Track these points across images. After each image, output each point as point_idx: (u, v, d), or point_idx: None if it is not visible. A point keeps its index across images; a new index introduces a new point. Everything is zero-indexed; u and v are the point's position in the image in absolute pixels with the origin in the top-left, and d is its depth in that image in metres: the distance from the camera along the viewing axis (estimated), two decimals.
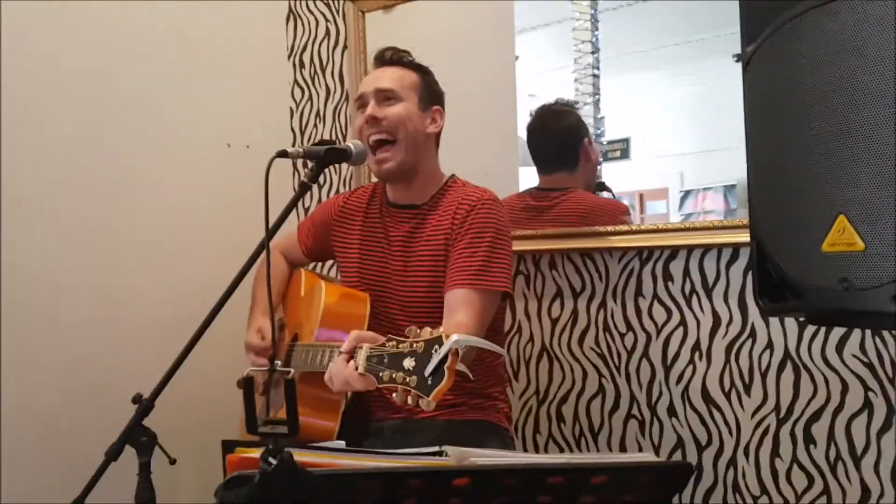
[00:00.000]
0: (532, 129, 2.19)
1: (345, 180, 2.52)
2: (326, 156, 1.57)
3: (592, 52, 2.14)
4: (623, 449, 1.98)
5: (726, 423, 1.84)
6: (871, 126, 1.15)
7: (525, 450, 2.12)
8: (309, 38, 2.62)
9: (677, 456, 1.91)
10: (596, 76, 2.15)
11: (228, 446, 0.89)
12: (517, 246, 2.09)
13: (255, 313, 1.82)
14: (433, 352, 1.08)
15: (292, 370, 0.94)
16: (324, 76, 2.59)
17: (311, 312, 1.70)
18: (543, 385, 2.11)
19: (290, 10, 2.66)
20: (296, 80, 2.65)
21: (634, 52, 2.16)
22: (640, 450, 1.96)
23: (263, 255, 1.90)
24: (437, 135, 1.77)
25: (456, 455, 0.96)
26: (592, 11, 2.13)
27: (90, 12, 2.10)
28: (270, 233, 1.48)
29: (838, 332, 1.70)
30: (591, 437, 2.03)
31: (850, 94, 1.18)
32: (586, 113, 2.14)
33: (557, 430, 2.09)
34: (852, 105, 1.18)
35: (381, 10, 2.42)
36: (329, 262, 2.33)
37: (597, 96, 2.15)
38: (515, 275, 2.15)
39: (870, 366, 1.67)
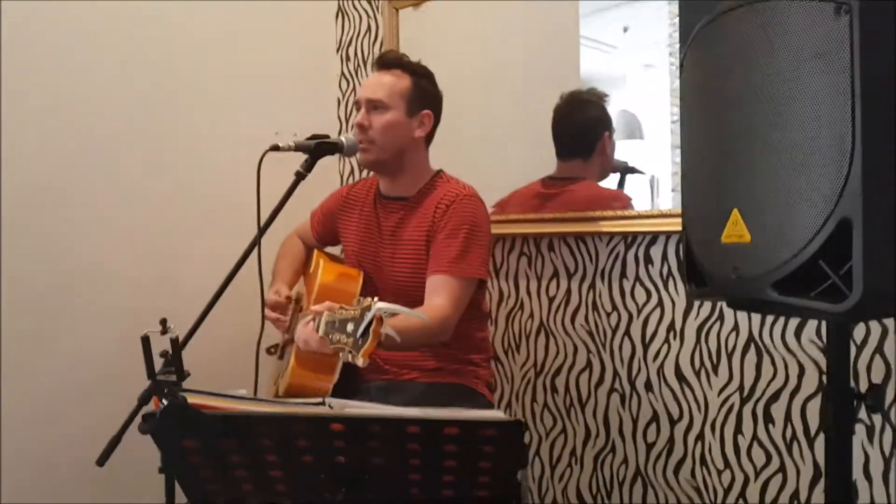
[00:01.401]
0: (558, 115, 2.29)
1: None
2: (317, 149, 1.78)
3: None
4: (606, 420, 2.12)
5: (696, 399, 1.95)
6: (760, 126, 1.26)
7: (524, 418, 2.30)
8: (354, 33, 2.85)
9: (652, 429, 2.03)
10: None
11: (158, 391, 1.13)
12: (522, 229, 2.28)
13: (275, 281, 2.06)
14: (363, 317, 1.29)
15: (178, 334, 1.16)
16: (365, 69, 2.81)
17: (312, 288, 1.94)
18: (541, 358, 2.27)
19: (339, 8, 2.90)
20: (342, 73, 2.89)
21: None
22: (621, 423, 2.09)
23: (286, 236, 2.19)
24: (428, 136, 1.94)
25: (337, 406, 1.17)
26: None
27: (159, 11, 2.38)
28: (267, 223, 1.71)
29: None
30: (580, 408, 2.18)
31: (743, 96, 1.29)
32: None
33: (551, 400, 2.25)
34: (745, 107, 1.29)
35: (411, 6, 2.61)
36: None
37: None
38: (519, 256, 2.32)
39: (825, 351, 1.73)
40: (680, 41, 1.51)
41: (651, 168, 2.13)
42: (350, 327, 1.32)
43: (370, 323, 1.28)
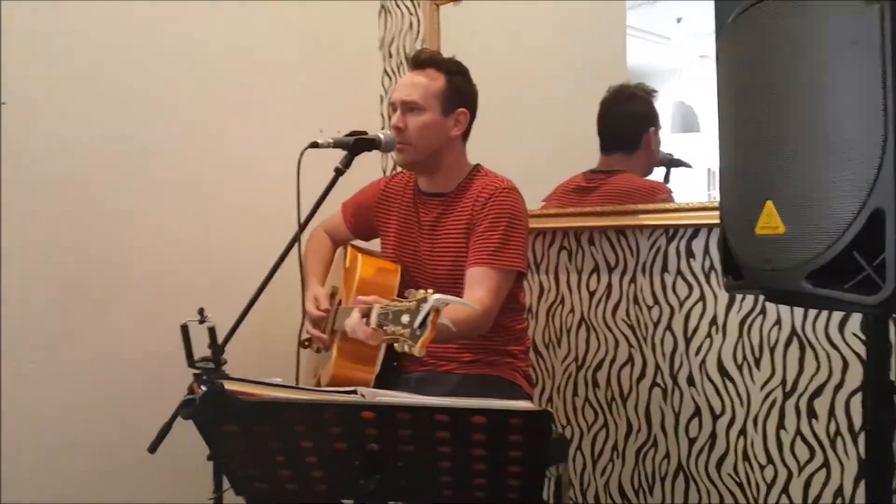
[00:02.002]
0: (604, 108, 2.27)
1: None
2: (355, 145, 1.81)
3: None
4: (647, 415, 2.11)
5: (738, 394, 1.93)
6: (792, 117, 1.25)
7: (565, 412, 2.31)
8: (396, 31, 2.88)
9: (694, 424, 2.02)
10: None
11: (197, 378, 1.18)
12: (562, 223, 2.29)
13: (310, 283, 2.10)
14: (420, 309, 1.31)
15: (215, 324, 1.20)
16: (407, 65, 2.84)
17: (352, 282, 1.98)
18: (581, 352, 2.27)
19: (382, 6, 2.94)
20: (385, 70, 2.93)
21: None
22: (663, 417, 2.08)
23: (311, 232, 2.21)
24: (464, 133, 1.96)
25: (368, 395, 1.19)
26: None
27: (206, 10, 2.46)
28: (307, 218, 1.74)
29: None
30: (622, 402, 2.18)
31: (774, 86, 1.28)
32: None
33: (593, 395, 2.25)
34: (777, 98, 1.28)
35: (452, 2, 2.63)
36: None
37: None
38: (559, 250, 2.32)
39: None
40: (715, 33, 1.50)
41: (708, 161, 2.09)
42: (405, 319, 1.33)
43: (427, 314, 1.29)
